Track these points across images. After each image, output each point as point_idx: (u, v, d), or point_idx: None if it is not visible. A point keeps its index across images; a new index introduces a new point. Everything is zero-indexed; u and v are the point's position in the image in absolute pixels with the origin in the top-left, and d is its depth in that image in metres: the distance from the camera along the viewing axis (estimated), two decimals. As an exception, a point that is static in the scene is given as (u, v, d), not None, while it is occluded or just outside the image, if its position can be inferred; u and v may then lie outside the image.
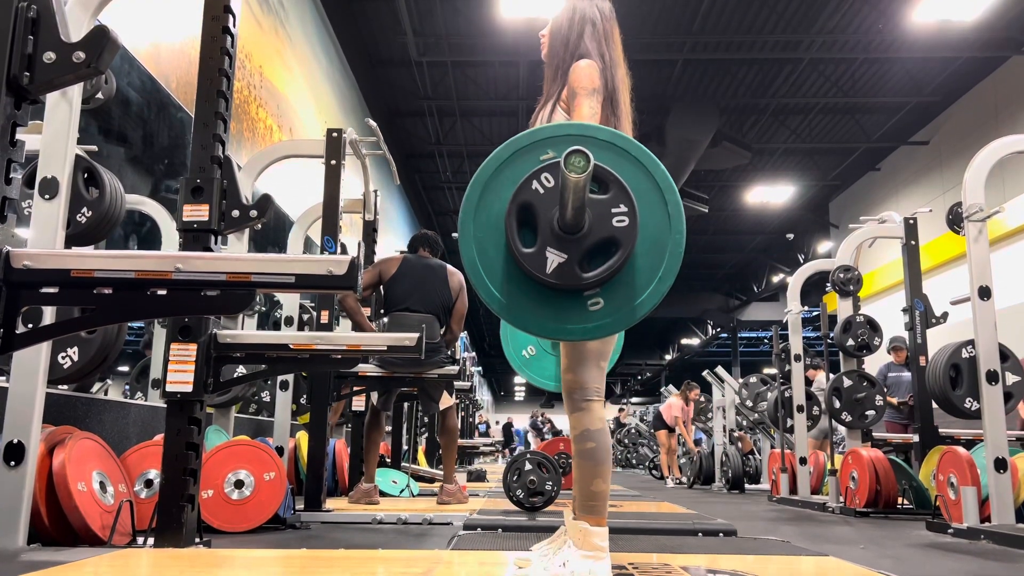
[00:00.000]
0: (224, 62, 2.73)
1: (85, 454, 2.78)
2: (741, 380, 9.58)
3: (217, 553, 2.44)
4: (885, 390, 6.81)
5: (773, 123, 13.86)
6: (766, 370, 13.39)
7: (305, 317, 5.87)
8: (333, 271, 1.53)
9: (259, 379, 5.37)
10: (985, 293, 4.16)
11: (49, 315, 2.59)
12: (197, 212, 2.61)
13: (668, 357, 34.61)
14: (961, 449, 4.32)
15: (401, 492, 6.04)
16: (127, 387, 5.65)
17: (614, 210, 1.48)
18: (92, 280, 1.51)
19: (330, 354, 2.68)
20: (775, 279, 21.61)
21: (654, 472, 14.14)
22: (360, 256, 1.57)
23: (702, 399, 11.40)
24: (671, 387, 12.55)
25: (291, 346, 2.65)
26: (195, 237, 2.63)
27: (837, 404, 5.93)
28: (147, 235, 5.43)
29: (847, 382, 5.97)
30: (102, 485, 2.80)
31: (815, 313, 7.22)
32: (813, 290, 13.00)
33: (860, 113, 13.45)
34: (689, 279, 23.58)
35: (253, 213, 2.67)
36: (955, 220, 4.86)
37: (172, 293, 1.54)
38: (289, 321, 5.24)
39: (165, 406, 2.58)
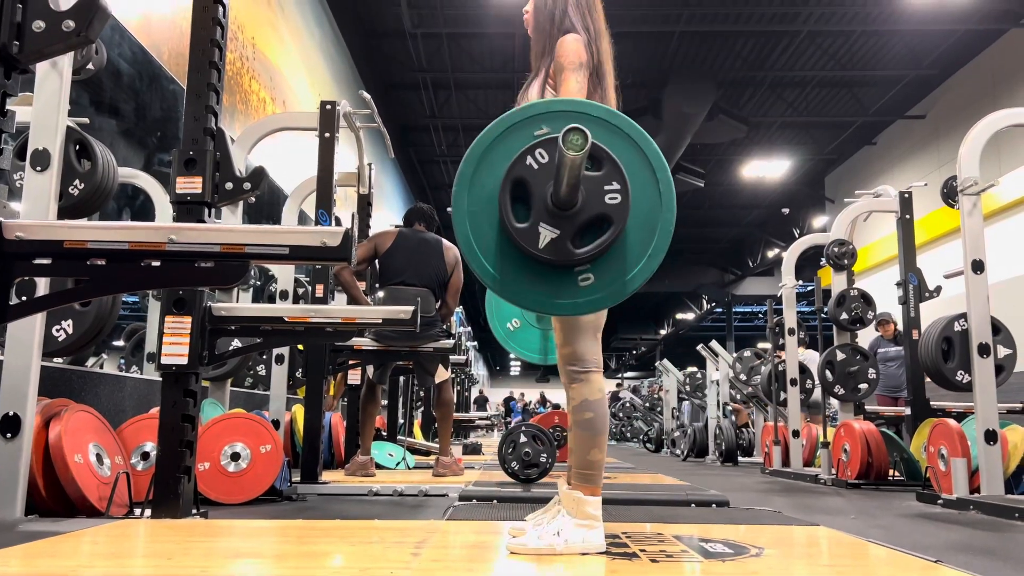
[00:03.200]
0: (216, 32, 2.70)
1: (81, 426, 2.79)
2: (735, 354, 9.62)
3: (214, 523, 2.46)
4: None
5: (770, 96, 13.79)
6: (760, 344, 13.46)
7: (300, 291, 5.87)
8: (327, 242, 1.53)
9: (254, 352, 5.37)
10: (978, 267, 4.18)
11: (43, 286, 2.59)
12: (190, 184, 2.60)
13: (663, 332, 34.71)
14: (952, 421, 4.36)
15: (397, 465, 6.08)
16: (122, 361, 5.66)
17: (607, 187, 1.48)
18: (85, 251, 1.50)
19: (325, 327, 2.68)
20: (770, 254, 21.62)
21: (648, 445, 14.25)
22: (354, 228, 1.57)
23: (698, 375, 11.44)
24: (666, 362, 12.60)
25: (286, 319, 2.65)
26: (188, 210, 2.62)
27: (830, 377, 5.96)
28: (140, 209, 5.41)
29: (840, 355, 6.00)
30: (99, 457, 2.81)
31: (809, 288, 7.27)
32: (808, 265, 13.02)
33: (857, 86, 13.39)
34: (684, 253, 23.58)
35: (247, 186, 2.66)
36: (950, 194, 4.87)
37: (166, 264, 1.53)
38: (284, 295, 5.24)
39: (161, 379, 2.58)
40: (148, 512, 2.55)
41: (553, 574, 1.63)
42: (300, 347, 5.35)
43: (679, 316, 31.53)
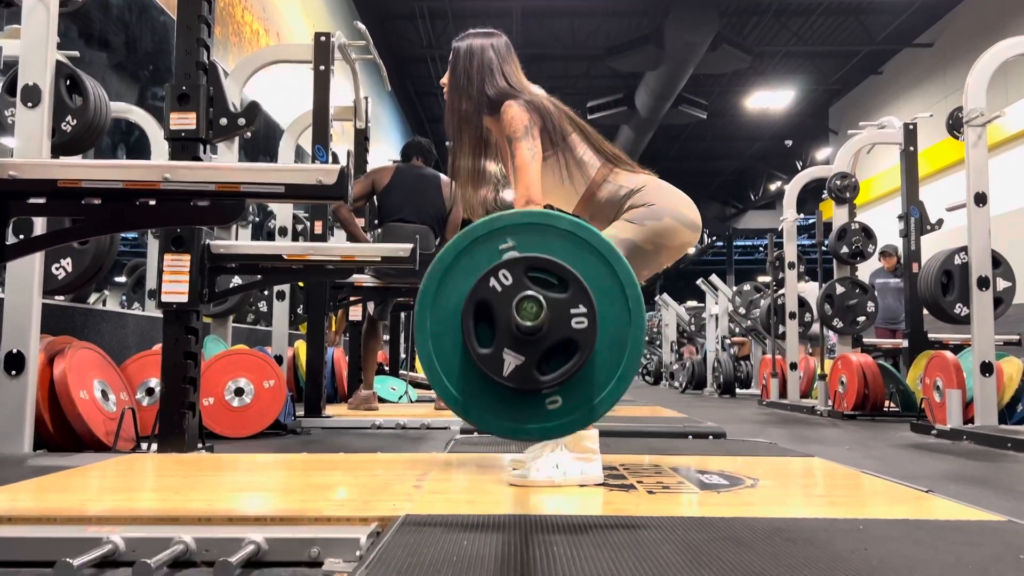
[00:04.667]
0: (205, -39, 2.63)
1: (85, 363, 2.82)
2: (735, 288, 9.66)
3: (219, 457, 2.51)
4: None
5: (774, 25, 13.47)
6: (760, 278, 13.50)
7: (299, 228, 5.86)
8: (323, 180, 1.51)
9: (254, 289, 5.39)
10: (981, 199, 4.15)
11: (40, 226, 2.58)
12: (184, 120, 2.56)
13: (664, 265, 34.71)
14: (948, 353, 4.40)
15: (400, 398, 6.15)
16: (124, 297, 5.68)
17: (573, 311, 1.42)
18: (79, 190, 1.49)
19: (324, 264, 2.68)
20: (772, 187, 21.47)
21: (647, 378, 14.43)
22: (350, 165, 1.55)
23: (701, 313, 11.50)
24: (666, 296, 12.65)
25: (285, 256, 2.65)
26: (183, 146, 2.59)
27: (829, 311, 5.99)
28: (136, 144, 5.35)
29: (839, 289, 6.01)
30: (104, 393, 2.84)
31: (811, 221, 7.24)
32: (810, 197, 12.94)
33: (863, 14, 13.07)
34: (685, 187, 22.85)
35: (241, 121, 2.62)
36: (955, 125, 4.79)
37: (161, 203, 1.52)
38: (283, 231, 5.22)
39: (162, 316, 2.60)
40: (155, 447, 2.59)
41: (551, 505, 1.67)
42: (301, 284, 5.37)
43: (680, 250, 31.46)
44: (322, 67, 4.36)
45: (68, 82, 2.83)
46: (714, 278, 10.34)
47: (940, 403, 4.29)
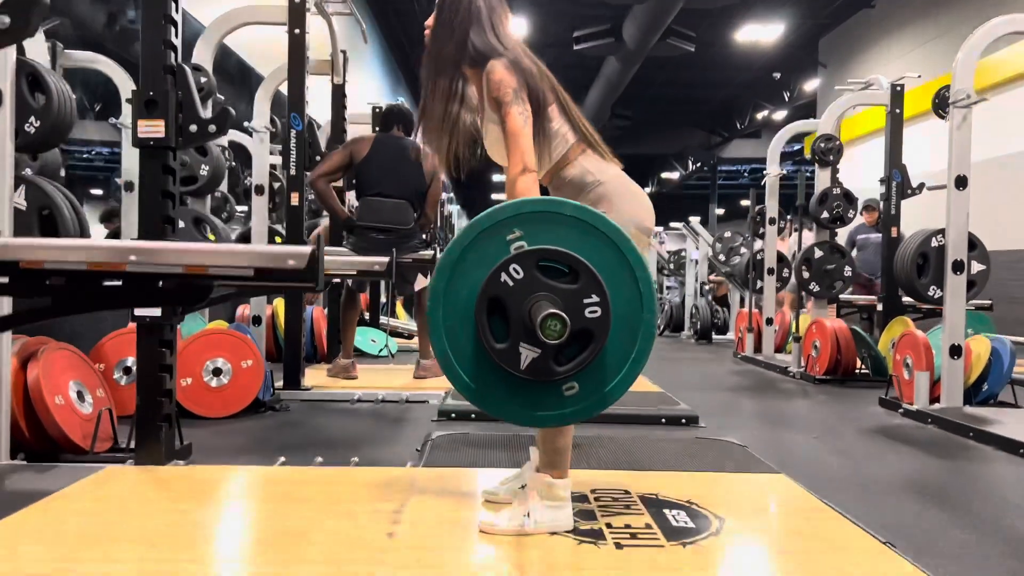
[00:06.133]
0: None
1: (59, 366, 2.80)
2: (715, 236, 9.67)
3: (196, 479, 2.53)
4: (853, 252, 6.92)
5: (768, -46, 13.07)
6: (743, 201, 13.45)
7: (276, 186, 5.77)
8: (294, 264, 1.49)
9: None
10: (961, 182, 4.14)
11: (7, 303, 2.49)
12: (152, 128, 2.47)
13: (648, 190, 34.51)
14: (919, 333, 4.46)
15: (380, 351, 6.21)
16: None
17: (586, 300, 1.42)
18: (43, 272, 1.46)
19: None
20: (759, 116, 21.23)
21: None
22: (321, 249, 1.52)
23: (681, 252, 11.54)
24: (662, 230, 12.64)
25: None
26: (151, 154, 2.51)
27: (806, 274, 6.03)
28: (105, 92, 5.17)
29: (818, 252, 6.04)
30: (80, 395, 2.84)
31: (796, 148, 7.20)
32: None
33: (860, -55, 12.68)
34: (671, 115, 23.06)
35: (212, 128, 2.53)
36: (941, 104, 4.75)
37: (127, 284, 1.49)
38: (260, 190, 5.13)
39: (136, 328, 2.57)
40: (132, 444, 2.59)
41: (520, 562, 1.72)
42: (278, 240, 5.31)
43: (664, 175, 31.29)
44: (296, 31, 4.21)
45: (30, 79, 2.72)
46: (696, 224, 10.35)
47: (908, 380, 4.38)
